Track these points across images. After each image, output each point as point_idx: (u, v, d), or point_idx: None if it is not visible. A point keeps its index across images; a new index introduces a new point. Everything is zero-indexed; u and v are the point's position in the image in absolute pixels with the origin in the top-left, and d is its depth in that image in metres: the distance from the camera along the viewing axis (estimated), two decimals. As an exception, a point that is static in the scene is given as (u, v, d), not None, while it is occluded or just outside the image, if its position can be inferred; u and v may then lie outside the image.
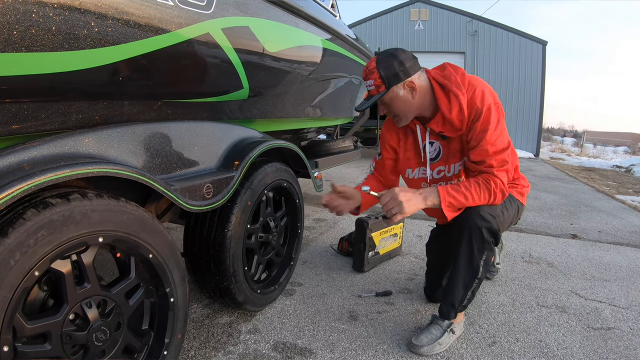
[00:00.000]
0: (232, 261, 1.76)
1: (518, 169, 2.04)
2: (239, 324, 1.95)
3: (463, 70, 1.82)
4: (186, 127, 1.55)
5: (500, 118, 1.76)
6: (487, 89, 1.77)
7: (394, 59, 1.73)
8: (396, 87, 1.74)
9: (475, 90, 1.76)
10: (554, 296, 2.42)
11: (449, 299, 1.85)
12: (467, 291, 1.82)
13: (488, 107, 1.72)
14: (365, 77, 1.77)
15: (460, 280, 1.81)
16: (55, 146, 1.15)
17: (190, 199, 1.45)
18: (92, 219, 1.13)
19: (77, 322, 1.18)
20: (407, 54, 1.78)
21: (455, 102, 1.74)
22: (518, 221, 2.08)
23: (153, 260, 1.32)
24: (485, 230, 1.74)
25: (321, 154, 3.49)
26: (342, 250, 2.93)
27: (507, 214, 1.88)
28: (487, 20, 13.86)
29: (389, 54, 1.75)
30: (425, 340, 1.82)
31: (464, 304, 1.84)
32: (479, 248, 1.76)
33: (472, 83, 1.78)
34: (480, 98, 1.74)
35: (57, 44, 1.08)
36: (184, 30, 1.39)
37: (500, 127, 1.75)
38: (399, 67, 1.72)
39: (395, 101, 1.78)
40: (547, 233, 3.84)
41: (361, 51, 3.26)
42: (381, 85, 1.74)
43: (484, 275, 1.83)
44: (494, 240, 1.78)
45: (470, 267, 1.78)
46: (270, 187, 1.98)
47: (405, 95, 1.77)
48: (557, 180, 7.90)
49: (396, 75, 1.73)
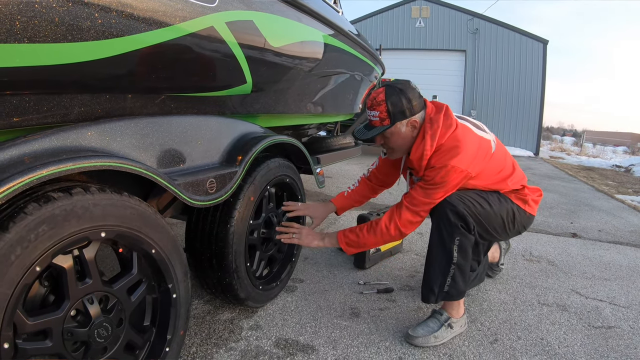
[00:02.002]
0: (235, 257, 1.74)
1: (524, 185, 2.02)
2: (240, 321, 1.93)
3: (452, 122, 1.82)
4: (189, 122, 1.53)
5: (447, 183, 1.77)
6: (465, 154, 1.75)
7: (402, 96, 1.78)
8: (400, 123, 1.82)
9: (450, 149, 1.76)
10: (554, 294, 2.41)
11: (426, 282, 1.88)
12: (446, 277, 1.83)
13: (445, 166, 1.74)
14: (371, 107, 1.82)
15: (435, 264, 1.85)
16: (57, 139, 1.13)
17: (193, 193, 1.43)
18: (95, 213, 1.11)
19: (78, 318, 1.17)
20: (415, 91, 1.83)
21: (420, 147, 1.81)
22: (523, 229, 2.06)
23: (155, 256, 1.30)
24: (451, 212, 1.79)
25: (322, 151, 3.47)
26: (343, 247, 2.92)
27: (490, 210, 1.87)
28: (488, 19, 13.80)
29: (398, 90, 1.79)
30: (421, 331, 1.84)
31: (446, 291, 1.84)
32: (448, 231, 1.80)
33: (455, 140, 1.77)
34: (445, 156, 1.76)
35: (59, 36, 1.06)
36: (187, 23, 1.36)
37: (439, 189, 1.79)
38: (407, 105, 1.79)
39: (395, 136, 1.86)
40: (547, 232, 3.84)
41: (363, 47, 3.24)
42: (386, 119, 1.81)
43: (466, 264, 1.83)
44: (463, 224, 1.79)
45: (443, 251, 1.82)
46: (272, 182, 1.97)
47: (406, 132, 1.85)
48: (557, 179, 7.91)
49: (402, 112, 1.79)
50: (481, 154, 1.84)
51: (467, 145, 1.76)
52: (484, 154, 1.85)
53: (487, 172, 1.88)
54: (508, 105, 13.73)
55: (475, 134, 1.86)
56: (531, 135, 13.76)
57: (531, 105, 13.60)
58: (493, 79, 13.79)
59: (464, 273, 1.83)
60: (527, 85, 13.56)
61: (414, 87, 1.84)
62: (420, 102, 1.85)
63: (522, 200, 1.98)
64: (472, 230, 1.81)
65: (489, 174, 1.89)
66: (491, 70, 13.80)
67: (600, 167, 11.86)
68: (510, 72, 13.67)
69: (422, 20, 14.32)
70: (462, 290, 1.85)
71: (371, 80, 3.82)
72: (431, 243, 1.88)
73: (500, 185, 1.93)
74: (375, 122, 1.84)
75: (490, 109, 13.62)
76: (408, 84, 1.84)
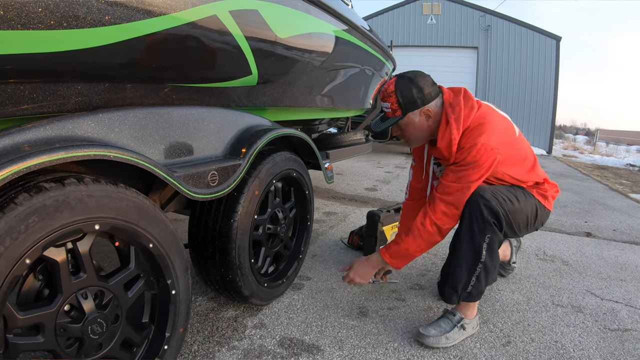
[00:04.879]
0: (238, 253, 1.69)
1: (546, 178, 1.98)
2: (244, 318, 1.89)
3: (474, 103, 1.77)
4: (191, 113, 1.48)
5: (478, 163, 1.68)
6: (492, 130, 1.70)
7: (412, 86, 1.73)
8: (412, 113, 1.77)
9: (477, 127, 1.71)
10: (569, 295, 2.33)
11: (450, 281, 1.80)
12: (471, 275, 1.74)
13: (475, 144, 1.68)
14: (383, 98, 1.78)
15: (462, 261, 1.76)
16: (52, 129, 1.09)
17: (193, 186, 1.38)
18: (88, 205, 1.07)
19: (72, 313, 1.13)
20: (427, 79, 1.78)
21: (447, 134, 1.74)
22: (541, 226, 1.99)
23: (153, 250, 1.26)
24: (485, 207, 1.70)
25: (332, 146, 3.42)
26: (353, 244, 2.86)
27: (518, 205, 1.80)
28: (500, 15, 13.58)
29: (408, 79, 1.75)
30: (432, 331, 1.78)
31: (469, 291, 1.76)
32: (480, 227, 1.71)
33: (480, 118, 1.73)
34: (473, 135, 1.70)
35: (55, 22, 1.02)
36: (188, 11, 1.32)
37: (470, 170, 1.70)
38: (418, 94, 1.74)
39: (409, 126, 1.81)
40: (561, 230, 3.74)
41: (374, 42, 3.17)
42: (397, 110, 1.76)
43: (492, 264, 1.75)
44: (495, 222, 1.71)
45: (472, 247, 1.73)
46: (279, 176, 1.92)
47: (420, 121, 1.79)
48: (570, 177, 7.77)
49: (414, 102, 1.74)
50: (507, 135, 1.80)
51: (493, 123, 1.73)
52: (509, 135, 1.81)
53: (513, 158, 1.82)
54: (521, 103, 13.49)
55: (498, 112, 1.83)
56: (544, 133, 13.51)
57: (544, 103, 13.35)
58: (505, 76, 13.55)
59: (488, 274, 1.76)
60: (539, 83, 13.30)
61: (425, 76, 1.79)
62: (434, 90, 1.78)
63: (542, 196, 1.92)
64: (503, 228, 1.75)
65: (514, 161, 1.83)
66: (503, 67, 13.57)
67: (613, 166, 11.63)
68: (523, 69, 13.43)
69: (433, 17, 14.14)
70: (482, 290, 1.78)
71: (382, 76, 3.75)
72: (459, 238, 1.78)
73: (527, 176, 1.88)
74: (388, 113, 1.80)
75: (502, 107, 13.34)
76: (418, 73, 1.79)
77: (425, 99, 1.75)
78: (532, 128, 13.43)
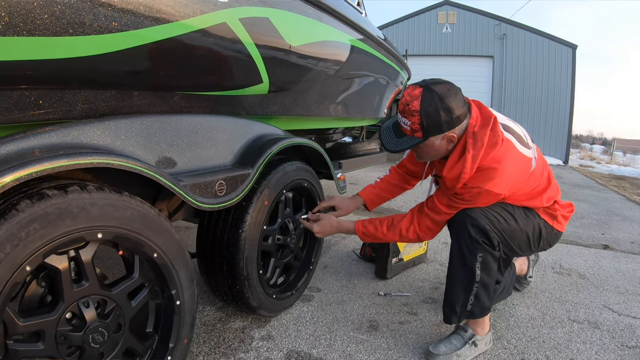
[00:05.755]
0: (246, 264, 1.67)
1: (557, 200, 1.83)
2: (252, 330, 1.86)
3: (498, 139, 1.55)
4: (200, 121, 1.47)
5: (475, 202, 1.63)
6: (502, 177, 1.55)
7: (441, 107, 1.49)
8: (434, 137, 1.56)
9: (488, 170, 1.54)
10: (586, 310, 2.25)
11: (448, 300, 1.74)
12: (469, 295, 1.68)
13: (479, 188, 1.56)
14: (403, 112, 1.55)
15: (457, 282, 1.71)
16: (57, 135, 1.09)
17: (200, 195, 1.36)
18: (91, 213, 1.06)
19: (73, 321, 1.12)
20: (459, 98, 1.54)
21: (458, 167, 1.57)
22: (548, 247, 1.89)
23: (158, 260, 1.24)
24: (472, 227, 1.63)
25: (345, 156, 3.39)
26: (365, 256, 2.81)
27: (515, 225, 1.69)
28: (515, 24, 13.48)
29: (438, 98, 1.49)
30: (443, 349, 1.72)
31: (470, 310, 1.70)
32: (469, 248, 1.65)
33: (496, 161, 1.53)
34: (481, 178, 1.55)
35: (60, 29, 1.02)
36: (197, 18, 1.31)
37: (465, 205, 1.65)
38: (446, 118, 1.51)
39: (427, 147, 1.63)
40: (577, 243, 3.64)
41: (388, 50, 3.14)
42: (418, 131, 1.55)
43: (490, 281, 1.68)
44: (485, 240, 1.64)
45: (465, 269, 1.67)
46: (289, 186, 1.89)
47: (440, 144, 1.60)
48: (587, 188, 7.62)
49: (438, 126, 1.52)
50: (520, 175, 1.64)
51: (506, 168, 1.55)
52: (522, 175, 1.65)
53: (522, 191, 1.70)
54: (537, 112, 13.32)
55: (518, 151, 1.61)
56: (560, 143, 13.29)
57: (560, 112, 13.17)
58: (521, 85, 13.41)
59: (488, 290, 1.69)
60: (556, 92, 13.14)
61: (457, 92, 1.54)
62: (464, 111, 1.55)
63: (550, 216, 1.80)
64: (497, 246, 1.66)
65: (522, 192, 1.71)
66: (519, 76, 13.43)
67: (631, 176, 11.38)
68: (539, 78, 13.28)
69: (448, 26, 14.09)
70: (486, 307, 1.71)
71: (397, 85, 3.71)
72: (451, 259, 1.74)
73: (533, 201, 1.75)
74: (405, 130, 1.58)
75: (518, 116, 13.19)
76: (450, 89, 1.53)
77: (452, 123, 1.53)
78: (548, 138, 13.23)
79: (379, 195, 2.17)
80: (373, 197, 2.17)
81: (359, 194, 2.17)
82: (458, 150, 1.59)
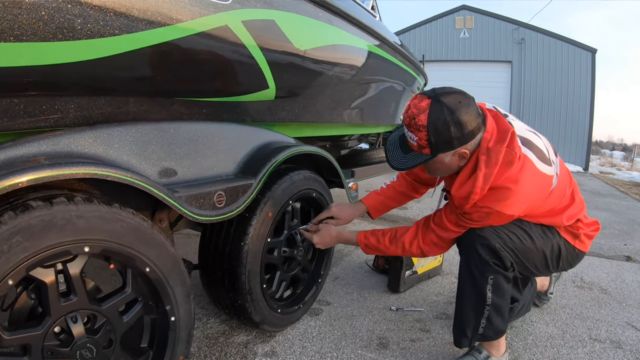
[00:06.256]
0: (248, 277, 1.60)
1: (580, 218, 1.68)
2: (255, 345, 1.78)
3: (515, 157, 1.40)
4: (200, 128, 1.41)
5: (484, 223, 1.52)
6: (516, 198, 1.42)
7: (452, 122, 1.34)
8: (444, 154, 1.43)
9: (501, 191, 1.41)
10: (608, 328, 2.12)
11: (458, 323, 1.63)
12: (480, 318, 1.56)
13: (489, 209, 1.44)
14: (409, 126, 1.41)
15: (467, 304, 1.59)
16: (47, 144, 1.05)
17: (197, 207, 1.30)
18: (78, 226, 1.01)
19: (61, 336, 1.07)
20: (472, 110, 1.38)
21: (467, 186, 1.44)
22: (569, 267, 1.75)
23: (150, 275, 1.18)
24: (481, 247, 1.52)
25: (360, 163, 3.30)
26: (378, 267, 2.72)
27: (531, 244, 1.57)
28: (534, 28, 13.22)
29: (448, 111, 1.34)
30: None
31: (482, 333, 1.58)
32: (479, 270, 1.53)
33: (511, 181, 1.39)
34: (492, 198, 1.43)
35: (49, 34, 0.97)
36: (197, 21, 1.26)
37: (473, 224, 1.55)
38: (457, 134, 1.36)
39: (436, 164, 1.49)
40: (599, 254, 3.47)
41: (404, 55, 3.06)
42: (425, 148, 1.41)
43: (504, 302, 1.56)
44: (497, 262, 1.52)
45: (475, 291, 1.56)
46: (296, 197, 1.81)
47: (451, 161, 1.47)
48: (609, 196, 7.38)
49: (449, 142, 1.38)
50: (537, 196, 1.49)
51: (522, 189, 1.41)
52: (540, 195, 1.51)
53: (540, 210, 1.57)
54: (556, 118, 13.02)
55: (537, 169, 1.45)
56: (580, 149, 12.95)
57: (580, 117, 12.85)
58: (540, 90, 13.15)
59: (501, 312, 1.57)
60: (575, 97, 12.83)
61: (470, 104, 1.38)
62: (477, 125, 1.40)
63: (572, 234, 1.66)
64: (510, 267, 1.54)
65: (540, 212, 1.58)
66: (538, 81, 13.16)
67: (652, 184, 11.00)
68: (558, 83, 12.99)
69: (466, 31, 13.92)
70: (500, 329, 1.60)
71: (413, 91, 3.62)
72: (460, 278, 1.63)
73: (552, 219, 1.61)
74: (411, 145, 1.45)
75: (537, 123, 12.91)
76: (463, 100, 1.37)
77: (464, 139, 1.38)
78: (568, 144, 12.92)
79: (383, 202, 2.02)
80: (378, 204, 2.02)
81: (362, 200, 2.05)
82: (469, 167, 1.46)
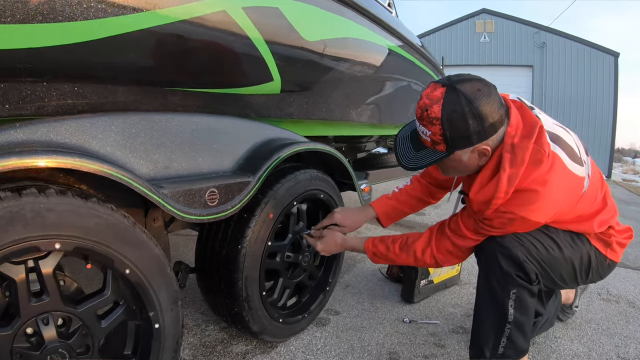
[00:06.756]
0: (245, 284, 1.49)
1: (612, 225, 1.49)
2: (254, 356, 1.67)
3: (544, 155, 1.24)
4: (194, 121, 1.31)
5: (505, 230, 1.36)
6: (543, 203, 1.25)
7: (470, 114, 1.17)
8: (462, 151, 1.26)
9: (527, 194, 1.24)
10: (636, 346, 1.94)
11: (475, 340, 1.46)
12: (500, 337, 1.39)
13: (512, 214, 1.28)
14: (420, 119, 1.24)
15: (486, 320, 1.42)
16: (23, 133, 0.96)
17: (186, 205, 1.20)
18: (47, 220, 0.92)
19: (32, 339, 0.99)
20: (493, 100, 1.20)
21: (489, 189, 1.27)
22: (599, 279, 1.57)
23: (131, 277, 1.08)
24: (503, 257, 1.34)
25: (377, 166, 3.18)
26: (392, 276, 2.58)
27: (559, 253, 1.39)
28: (555, 31, 13.00)
29: (466, 101, 1.17)
30: None
31: (502, 353, 1.40)
32: (500, 283, 1.36)
33: (539, 182, 1.23)
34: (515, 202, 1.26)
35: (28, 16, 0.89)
36: (190, 5, 1.16)
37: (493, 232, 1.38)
38: (475, 127, 1.19)
39: (453, 162, 1.32)
40: (626, 265, 3.25)
41: (421, 53, 2.92)
42: (440, 144, 1.24)
43: (527, 319, 1.39)
44: (520, 274, 1.34)
45: (495, 306, 1.38)
46: (301, 197, 1.70)
47: (470, 159, 1.29)
48: (633, 204, 7.19)
49: (467, 138, 1.22)
50: (567, 200, 1.33)
51: (551, 192, 1.25)
52: (571, 199, 1.34)
53: (569, 216, 1.40)
54: (578, 123, 12.67)
55: (568, 170, 1.29)
56: (603, 156, 12.60)
57: (602, 123, 12.56)
58: (562, 95, 12.91)
59: (524, 330, 1.40)
60: (597, 102, 12.54)
61: (491, 93, 1.21)
62: (500, 118, 1.23)
63: (603, 242, 1.48)
64: (535, 280, 1.37)
65: (569, 217, 1.41)
66: (559, 86, 12.94)
67: (675, 192, 10.61)
68: (580, 87, 12.74)
69: (486, 35, 13.76)
70: (522, 348, 1.42)
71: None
72: (478, 293, 1.46)
73: (582, 226, 1.43)
74: (424, 140, 1.28)
75: (559, 128, 12.68)
76: (483, 88, 1.20)
77: (484, 133, 1.21)
78: (590, 150, 12.38)
79: (396, 208, 1.81)
80: (389, 210, 1.81)
81: (371, 204, 1.83)
82: (491, 166, 1.29)
